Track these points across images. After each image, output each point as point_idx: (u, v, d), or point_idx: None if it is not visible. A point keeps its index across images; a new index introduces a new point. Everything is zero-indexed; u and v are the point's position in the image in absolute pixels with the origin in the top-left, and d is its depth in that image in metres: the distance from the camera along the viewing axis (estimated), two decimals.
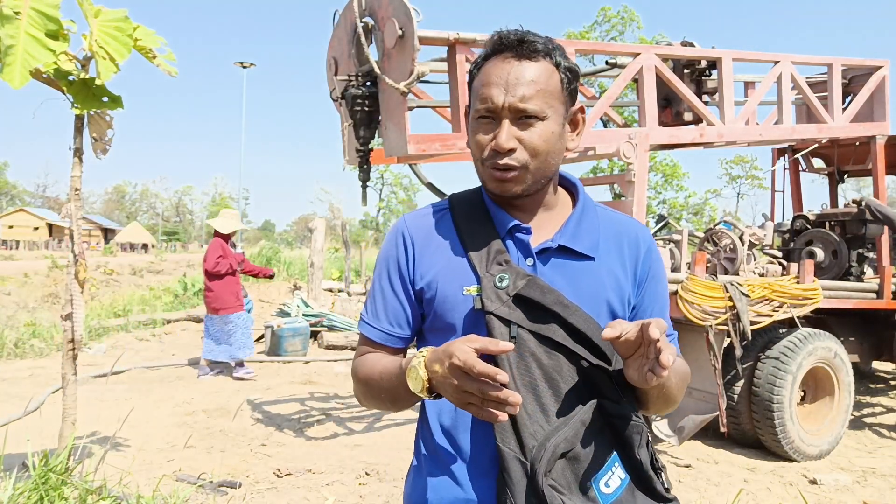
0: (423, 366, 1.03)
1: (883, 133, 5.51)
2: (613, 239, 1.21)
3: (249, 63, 23.80)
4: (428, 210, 1.27)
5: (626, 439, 1.10)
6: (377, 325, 1.24)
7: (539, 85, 1.11)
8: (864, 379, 7.21)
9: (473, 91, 1.17)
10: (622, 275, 1.19)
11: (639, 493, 1.10)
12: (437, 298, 1.17)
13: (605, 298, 1.17)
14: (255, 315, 10.57)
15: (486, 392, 0.94)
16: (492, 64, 1.14)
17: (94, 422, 4.82)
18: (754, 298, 4.59)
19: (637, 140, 4.26)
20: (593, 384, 1.11)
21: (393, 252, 1.23)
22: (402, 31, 3.64)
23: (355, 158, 4.31)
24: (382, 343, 1.23)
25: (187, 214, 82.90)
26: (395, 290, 1.22)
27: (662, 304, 1.26)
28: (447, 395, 1.01)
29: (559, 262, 1.17)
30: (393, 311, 1.22)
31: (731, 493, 3.87)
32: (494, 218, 1.20)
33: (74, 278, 3.31)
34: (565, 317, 1.10)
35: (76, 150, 3.34)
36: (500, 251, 1.15)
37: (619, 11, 27.78)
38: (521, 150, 1.11)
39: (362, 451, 4.64)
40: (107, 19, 3.07)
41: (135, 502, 3.07)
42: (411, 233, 1.23)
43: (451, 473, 1.15)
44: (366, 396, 1.24)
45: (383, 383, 1.16)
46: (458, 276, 1.16)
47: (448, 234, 1.21)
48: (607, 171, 23.55)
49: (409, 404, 1.16)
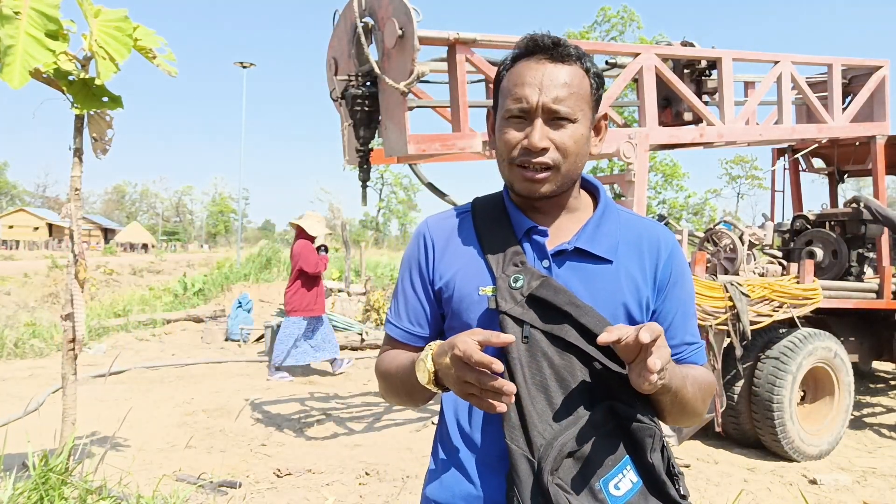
0: (431, 358, 1.09)
1: (883, 133, 5.51)
2: (634, 243, 1.21)
3: (249, 63, 23.77)
4: (450, 213, 1.30)
5: (637, 442, 1.09)
6: (399, 324, 1.28)
7: (572, 88, 1.13)
8: (864, 379, 7.21)
9: (504, 91, 1.18)
10: (641, 279, 1.19)
11: (652, 498, 1.09)
12: (455, 298, 1.20)
13: (622, 302, 1.16)
14: (255, 315, 10.58)
15: (484, 382, 0.98)
16: (524, 65, 1.15)
17: (94, 422, 4.82)
18: (754, 298, 4.59)
19: (637, 140, 4.26)
20: (606, 386, 1.11)
21: (415, 253, 1.28)
22: (402, 31, 3.64)
23: (355, 158, 4.31)
24: (403, 341, 1.28)
25: (187, 214, 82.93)
26: (416, 290, 1.27)
27: (685, 310, 1.23)
28: (451, 385, 1.05)
29: (575, 264, 1.18)
30: (413, 311, 1.27)
31: (731, 493, 3.87)
32: (513, 220, 1.22)
33: (74, 278, 3.31)
34: (577, 317, 1.11)
35: (76, 150, 3.34)
36: (517, 253, 1.17)
37: (618, 11, 27.79)
38: (552, 150, 1.13)
39: (362, 451, 4.64)
40: (107, 19, 3.07)
41: (135, 502, 3.07)
42: (432, 235, 1.27)
43: (464, 469, 1.18)
44: (387, 391, 1.29)
45: (400, 377, 1.20)
46: (475, 277, 1.19)
47: (467, 236, 1.24)
48: (607, 171, 23.56)
49: (423, 397, 1.20)
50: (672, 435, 4.75)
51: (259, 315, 10.84)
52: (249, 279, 14.71)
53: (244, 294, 10.61)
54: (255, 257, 17.95)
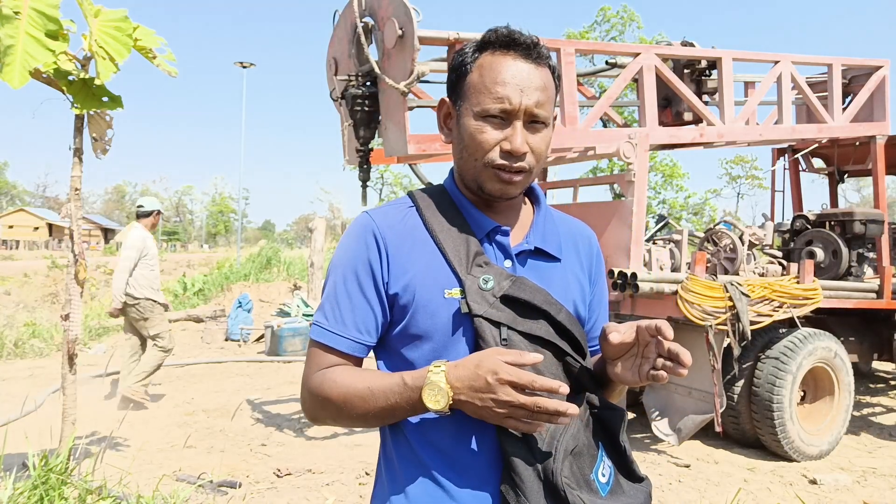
0: (446, 381, 1.00)
1: (883, 133, 5.51)
2: (570, 240, 1.25)
3: (249, 63, 23.79)
4: (392, 208, 1.19)
5: (610, 428, 1.13)
6: (344, 333, 1.12)
7: (548, 91, 1.11)
8: (864, 379, 7.22)
9: (474, 85, 1.10)
10: (581, 275, 1.24)
11: (622, 478, 1.13)
12: (416, 302, 1.10)
13: (572, 299, 1.19)
14: (255, 315, 10.58)
15: (546, 405, 0.95)
16: (500, 60, 1.10)
17: (94, 422, 4.82)
18: (754, 298, 4.59)
19: (637, 140, 4.26)
20: (577, 379, 1.13)
21: (363, 253, 1.13)
22: (402, 31, 3.64)
23: (355, 158, 4.31)
24: (348, 353, 1.12)
25: (187, 214, 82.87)
26: (366, 293, 1.12)
27: (606, 303, 1.33)
28: (481, 410, 0.99)
29: (534, 263, 1.18)
30: (362, 317, 1.12)
31: (730, 493, 3.87)
32: (470, 219, 1.17)
33: (74, 278, 3.31)
34: (553, 315, 1.12)
35: (76, 150, 3.34)
36: (479, 252, 1.13)
37: (618, 11, 27.75)
38: (529, 154, 1.11)
39: (362, 451, 4.64)
40: (106, 19, 3.07)
41: (135, 502, 3.07)
42: (383, 232, 1.13)
43: (441, 486, 1.08)
44: (336, 415, 1.12)
45: (375, 401, 1.06)
46: (437, 279, 1.11)
47: (420, 235, 1.14)
48: (607, 171, 23.54)
49: (395, 421, 1.11)
50: (672, 435, 4.75)
51: (259, 315, 10.84)
52: (249, 279, 14.70)
53: (244, 294, 10.62)
54: (255, 257, 17.96)
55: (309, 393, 1.14)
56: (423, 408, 1.02)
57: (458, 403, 1.01)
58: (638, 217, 4.26)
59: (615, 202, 4.52)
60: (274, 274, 16.23)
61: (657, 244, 5.28)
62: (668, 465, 4.49)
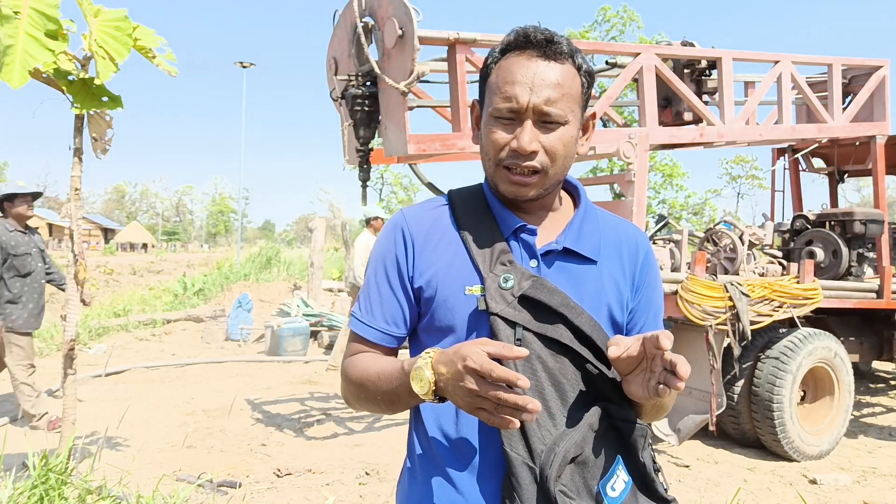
0: (430, 367, 0.99)
1: (883, 133, 5.50)
2: (614, 244, 1.20)
3: (249, 63, 23.80)
4: (427, 205, 1.23)
5: (630, 442, 1.09)
6: (372, 324, 1.18)
7: (564, 89, 1.08)
8: (864, 379, 7.22)
9: (492, 86, 1.12)
10: (622, 280, 1.18)
11: (641, 496, 1.09)
12: (437, 297, 1.13)
13: (606, 303, 1.15)
14: (255, 315, 10.58)
15: (504, 398, 0.91)
16: (514, 61, 1.09)
17: (94, 422, 4.82)
18: (754, 298, 4.59)
19: (637, 140, 4.25)
20: (596, 387, 1.10)
21: (391, 248, 1.18)
22: (402, 31, 3.63)
23: (355, 158, 4.31)
24: (377, 342, 1.18)
25: (187, 214, 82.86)
26: (393, 287, 1.17)
27: (657, 311, 1.24)
28: (455, 398, 0.97)
29: (563, 264, 1.15)
30: (390, 310, 1.17)
31: (730, 493, 3.87)
32: (499, 217, 1.17)
33: (74, 278, 3.31)
34: (571, 319, 1.09)
35: (76, 150, 3.34)
36: (504, 251, 1.12)
37: (618, 11, 27.74)
38: (541, 154, 1.08)
39: (362, 451, 4.64)
40: (106, 19, 3.07)
41: (135, 502, 3.07)
42: (411, 229, 1.17)
43: (450, 478, 1.11)
44: (358, 398, 1.19)
45: (381, 385, 1.11)
46: (459, 276, 1.12)
47: (449, 232, 1.17)
48: (607, 171, 23.53)
49: (406, 407, 1.13)
50: (672, 435, 4.75)
51: (259, 315, 10.84)
52: (249, 279, 14.72)
53: (244, 294, 10.62)
54: (255, 257, 17.98)
55: (341, 377, 1.23)
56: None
57: (440, 390, 1.00)
58: (638, 217, 4.26)
59: (615, 202, 4.52)
60: (274, 274, 16.24)
61: (657, 244, 5.28)
62: (668, 465, 4.49)
